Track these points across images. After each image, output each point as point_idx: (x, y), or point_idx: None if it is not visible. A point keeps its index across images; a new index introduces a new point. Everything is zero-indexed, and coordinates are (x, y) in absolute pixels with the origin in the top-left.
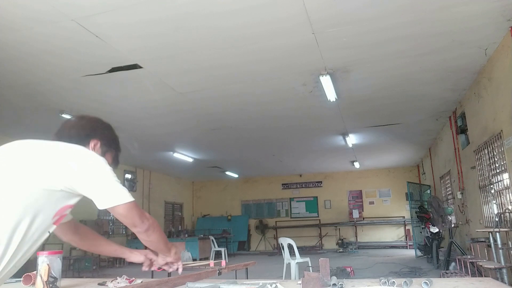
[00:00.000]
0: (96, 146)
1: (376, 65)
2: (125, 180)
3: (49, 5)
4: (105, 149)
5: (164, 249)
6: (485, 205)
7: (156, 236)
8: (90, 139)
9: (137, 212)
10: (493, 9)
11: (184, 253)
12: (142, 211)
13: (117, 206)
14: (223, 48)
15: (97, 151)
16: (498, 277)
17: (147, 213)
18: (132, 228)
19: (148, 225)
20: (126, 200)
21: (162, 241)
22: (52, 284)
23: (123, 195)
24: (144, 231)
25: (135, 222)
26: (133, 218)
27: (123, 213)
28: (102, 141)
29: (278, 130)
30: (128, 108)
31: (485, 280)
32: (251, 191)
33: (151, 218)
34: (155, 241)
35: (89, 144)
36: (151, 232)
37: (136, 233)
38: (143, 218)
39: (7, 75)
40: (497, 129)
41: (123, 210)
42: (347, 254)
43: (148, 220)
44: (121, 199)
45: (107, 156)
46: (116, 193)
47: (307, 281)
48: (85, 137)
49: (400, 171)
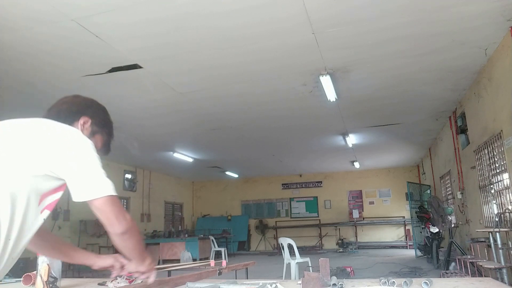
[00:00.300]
0: (86, 124)
1: (376, 65)
2: (125, 180)
3: (49, 5)
4: (95, 130)
5: (138, 259)
6: (485, 205)
7: (133, 243)
8: (81, 115)
9: (115, 209)
10: (493, 9)
11: (184, 253)
12: (122, 210)
13: (96, 200)
14: (223, 48)
15: (86, 129)
16: (498, 277)
17: (128, 214)
18: (107, 227)
19: (125, 227)
20: (106, 193)
21: (137, 250)
22: (52, 284)
23: (104, 187)
24: (119, 233)
25: (110, 221)
26: (109, 215)
27: (99, 207)
28: (93, 120)
29: (278, 130)
30: (128, 108)
31: (485, 280)
32: (251, 191)
33: (132, 221)
34: (130, 247)
35: (79, 120)
36: (128, 236)
37: (110, 235)
38: (120, 218)
39: (7, 75)
40: (497, 129)
41: (100, 204)
42: (347, 254)
43: (127, 222)
44: (100, 192)
45: (96, 137)
46: (97, 184)
47: (307, 281)
48: (76, 113)
49: (400, 171)
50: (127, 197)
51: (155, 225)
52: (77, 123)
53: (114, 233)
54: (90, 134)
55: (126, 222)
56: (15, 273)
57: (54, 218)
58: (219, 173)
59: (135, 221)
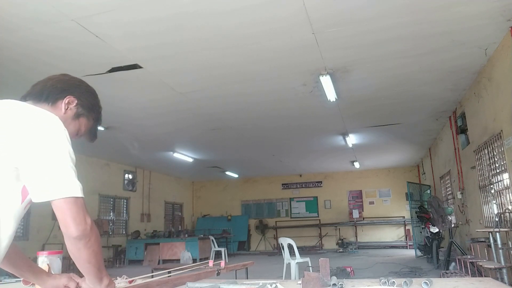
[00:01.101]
0: (71, 105)
1: (376, 65)
2: (125, 180)
3: (49, 5)
4: (81, 112)
5: (94, 276)
6: (485, 205)
7: (88, 253)
8: (67, 94)
9: (74, 210)
10: (493, 9)
11: (184, 253)
12: (83, 212)
13: (58, 200)
14: (223, 48)
15: (70, 110)
16: (498, 277)
17: (90, 219)
18: (64, 229)
19: (81, 231)
20: (67, 194)
21: (93, 264)
22: None
23: (67, 188)
24: (74, 237)
25: (66, 221)
26: (66, 214)
27: (58, 206)
28: (79, 101)
29: (278, 130)
30: (128, 108)
31: (485, 280)
32: (251, 191)
33: (92, 228)
34: (85, 258)
35: (63, 99)
36: (84, 244)
37: (66, 240)
38: (78, 220)
39: (6, 76)
40: (497, 129)
41: (59, 203)
42: (347, 254)
43: (85, 226)
44: (62, 192)
45: (81, 120)
46: (59, 184)
47: (307, 281)
48: (61, 90)
49: (400, 171)
50: (127, 197)
51: (155, 225)
52: (61, 102)
53: (68, 237)
54: (74, 116)
55: (85, 226)
56: None
57: (54, 218)
58: (219, 173)
59: (96, 230)
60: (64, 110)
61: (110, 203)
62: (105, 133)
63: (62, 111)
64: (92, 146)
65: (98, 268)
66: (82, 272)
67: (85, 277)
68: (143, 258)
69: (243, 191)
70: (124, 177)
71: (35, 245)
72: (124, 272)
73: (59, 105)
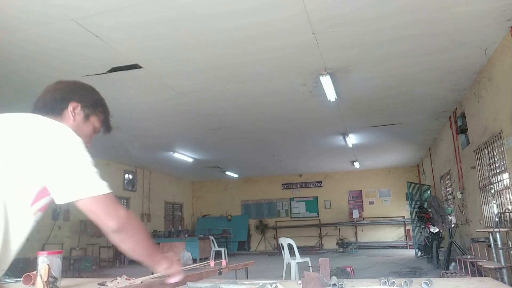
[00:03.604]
0: (76, 109)
1: (376, 65)
2: (125, 180)
3: (48, 5)
4: (88, 112)
5: (150, 262)
6: (485, 205)
7: (134, 241)
8: (68, 102)
9: (108, 207)
10: (493, 9)
11: (184, 253)
12: (115, 206)
13: (83, 200)
14: (223, 48)
15: (78, 114)
16: (498, 277)
17: (123, 210)
18: (102, 227)
19: (117, 224)
20: (98, 192)
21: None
22: (52, 284)
23: (95, 186)
24: (112, 232)
25: (104, 219)
26: (102, 213)
27: (87, 207)
28: (82, 103)
29: (278, 130)
30: (128, 108)
31: (485, 280)
32: (251, 191)
33: (127, 218)
34: (132, 248)
35: (68, 108)
36: (126, 234)
37: (108, 236)
38: (112, 214)
39: (6, 76)
40: (497, 129)
41: (87, 203)
42: (347, 254)
43: (119, 219)
44: (90, 191)
45: (92, 119)
46: (86, 184)
47: (307, 281)
48: (62, 100)
49: (400, 171)
50: (127, 197)
51: (155, 225)
52: (66, 110)
53: (108, 232)
54: (84, 118)
55: (119, 220)
56: (15, 273)
57: (54, 218)
58: (219, 173)
59: (135, 219)
60: (72, 118)
61: None
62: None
63: (71, 119)
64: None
65: (148, 254)
66: (137, 260)
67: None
68: None
69: (243, 191)
70: (124, 177)
71: (35, 245)
72: (124, 272)
73: (66, 114)
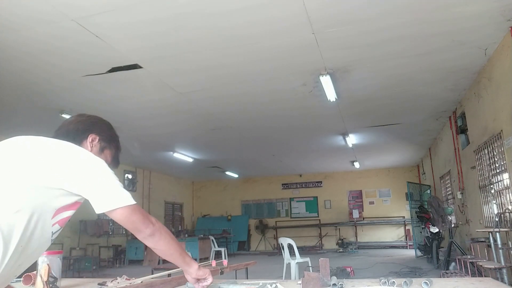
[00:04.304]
0: (94, 141)
1: (376, 65)
2: (125, 180)
3: (49, 5)
4: (103, 145)
5: (182, 262)
6: (485, 205)
7: (166, 242)
8: (89, 133)
9: (140, 217)
10: (493, 9)
11: None
12: (146, 215)
13: (117, 210)
14: (223, 48)
15: (95, 146)
16: (498, 277)
17: (153, 217)
18: (136, 233)
19: (152, 230)
20: (127, 202)
21: (174, 251)
22: (52, 284)
23: (124, 198)
24: (148, 236)
25: (138, 227)
26: (135, 223)
27: (124, 217)
28: (100, 137)
29: (278, 130)
30: (128, 108)
31: (485, 280)
32: (251, 191)
33: (157, 223)
34: (164, 249)
35: (87, 138)
36: (159, 236)
37: (144, 240)
38: (147, 222)
39: (6, 76)
40: (497, 129)
41: (125, 214)
42: (347, 254)
43: (154, 225)
44: (121, 202)
45: (106, 153)
46: (117, 196)
47: (307, 281)
48: (83, 131)
49: (400, 171)
50: None
51: None
52: (85, 141)
53: (143, 238)
54: (99, 150)
55: (152, 225)
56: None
57: None
58: (219, 173)
59: (162, 224)
60: (90, 148)
61: None
62: None
63: (89, 149)
64: None
65: (180, 253)
66: (173, 263)
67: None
68: (143, 258)
69: (243, 191)
70: (124, 177)
71: None
72: (124, 272)
73: (84, 145)
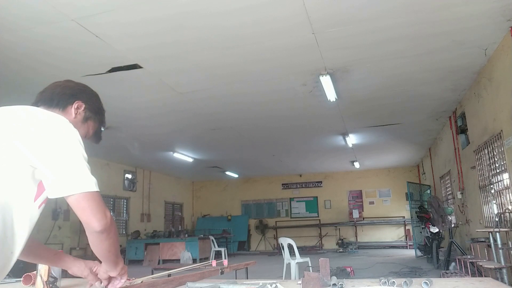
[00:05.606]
0: (80, 109)
1: (376, 65)
2: (125, 180)
3: (49, 5)
4: (88, 115)
5: (113, 262)
6: (485, 205)
7: (109, 243)
8: (75, 99)
9: (94, 206)
10: (493, 9)
11: (184, 253)
12: (102, 206)
13: (75, 195)
14: (223, 47)
15: (79, 114)
16: (498, 277)
17: (109, 212)
18: (84, 225)
19: (104, 225)
20: (84, 189)
21: (113, 252)
22: (52, 284)
23: (82, 182)
24: (97, 232)
25: (88, 218)
26: (87, 211)
27: (76, 204)
28: (87, 105)
29: (278, 130)
30: (128, 108)
31: (485, 280)
32: (251, 191)
33: (112, 220)
34: (106, 248)
35: (73, 104)
36: (106, 236)
37: (88, 233)
38: (99, 215)
39: (6, 76)
40: (497, 129)
41: (76, 200)
42: (347, 254)
43: (106, 220)
44: (78, 187)
45: (89, 124)
46: (75, 179)
47: (307, 281)
48: (70, 96)
49: (400, 171)
50: (127, 197)
51: (155, 225)
52: (70, 107)
53: (91, 232)
54: (83, 119)
55: (106, 221)
56: (15, 273)
57: (54, 218)
58: (219, 173)
59: (114, 222)
60: (74, 115)
61: (110, 203)
62: (105, 133)
63: (73, 116)
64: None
65: (115, 255)
66: (100, 259)
67: (102, 263)
68: (143, 258)
69: (243, 191)
70: (124, 177)
71: None
72: None
73: (69, 110)
